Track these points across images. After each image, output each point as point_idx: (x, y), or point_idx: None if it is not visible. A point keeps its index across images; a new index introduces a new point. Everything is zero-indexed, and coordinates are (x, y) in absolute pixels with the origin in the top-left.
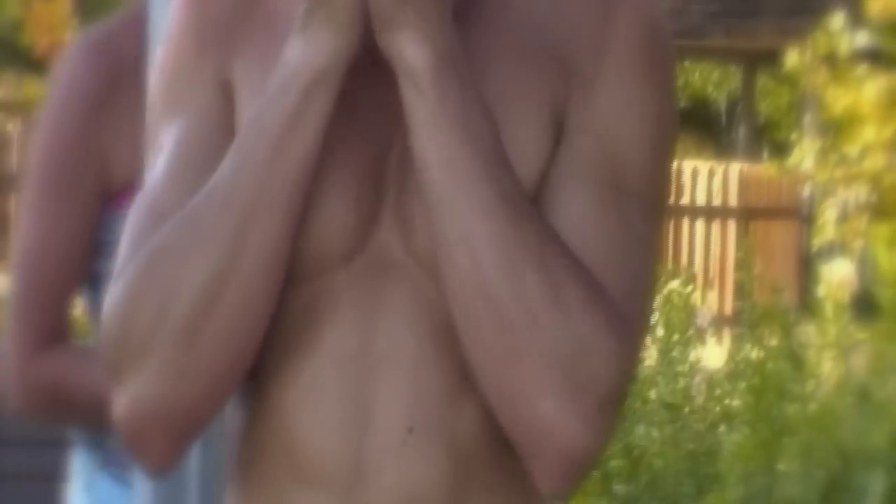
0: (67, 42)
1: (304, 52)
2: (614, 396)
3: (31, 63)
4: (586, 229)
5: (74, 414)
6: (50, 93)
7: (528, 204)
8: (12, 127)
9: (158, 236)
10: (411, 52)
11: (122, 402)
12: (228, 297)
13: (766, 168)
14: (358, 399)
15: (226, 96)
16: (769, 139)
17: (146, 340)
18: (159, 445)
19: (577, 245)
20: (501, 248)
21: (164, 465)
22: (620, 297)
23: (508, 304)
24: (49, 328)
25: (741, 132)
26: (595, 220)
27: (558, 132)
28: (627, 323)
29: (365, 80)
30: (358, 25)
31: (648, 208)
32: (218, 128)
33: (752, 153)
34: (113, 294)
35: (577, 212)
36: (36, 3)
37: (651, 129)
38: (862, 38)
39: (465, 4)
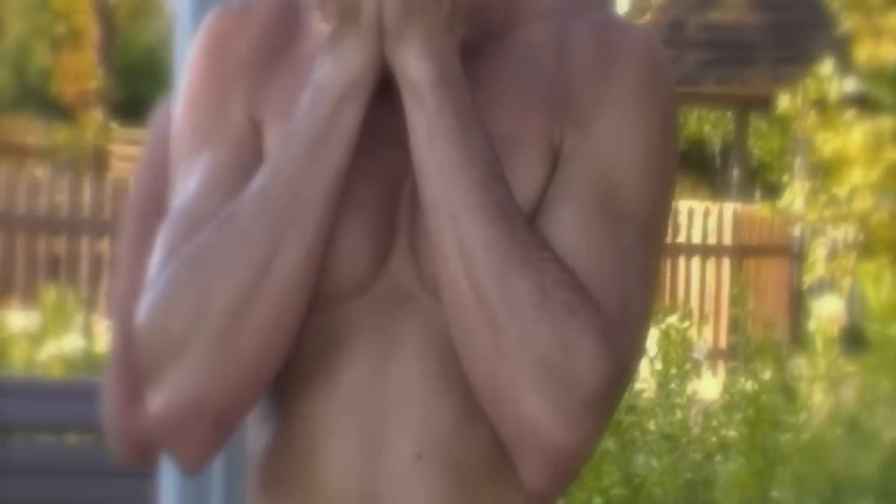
0: (94, 90)
1: (335, 67)
2: (600, 399)
3: (59, 111)
4: (578, 244)
5: None
6: (144, 146)
7: (521, 215)
8: (42, 172)
9: (195, 241)
10: (415, 66)
11: (159, 399)
12: (265, 297)
13: (758, 208)
14: (370, 427)
15: (254, 131)
16: (762, 181)
17: (184, 338)
18: (195, 441)
19: (570, 258)
20: (494, 252)
21: (198, 461)
22: (609, 306)
23: (498, 305)
24: None
25: (735, 174)
26: (587, 236)
27: (553, 169)
28: (615, 330)
29: (380, 119)
30: (380, 42)
31: (642, 229)
32: (248, 155)
33: (746, 194)
34: (149, 297)
35: (570, 228)
36: (63, 54)
37: (646, 156)
38: (850, 85)
39: (474, 46)
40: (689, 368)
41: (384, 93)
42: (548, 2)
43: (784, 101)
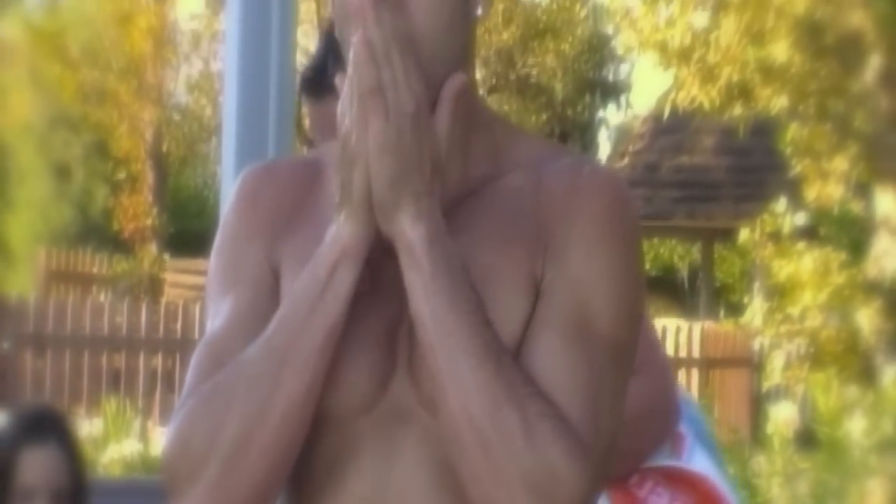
0: (149, 227)
1: (334, 236)
2: None
3: (119, 244)
4: (557, 367)
5: None
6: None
7: (507, 353)
8: (104, 297)
9: (212, 380)
10: (409, 231)
11: None
12: (266, 427)
13: (723, 325)
14: None
15: (273, 273)
16: (725, 301)
17: (201, 460)
18: None
19: (550, 385)
20: (485, 391)
21: None
22: (584, 430)
23: (491, 436)
24: None
25: (702, 296)
26: (565, 360)
27: (535, 298)
28: (590, 452)
29: (382, 269)
30: (371, 215)
31: (614, 350)
32: (265, 295)
33: (711, 313)
34: (174, 424)
35: (550, 353)
36: (122, 196)
37: (616, 284)
38: (801, 219)
39: (464, 194)
40: None
41: (387, 247)
42: (527, 154)
43: (744, 234)
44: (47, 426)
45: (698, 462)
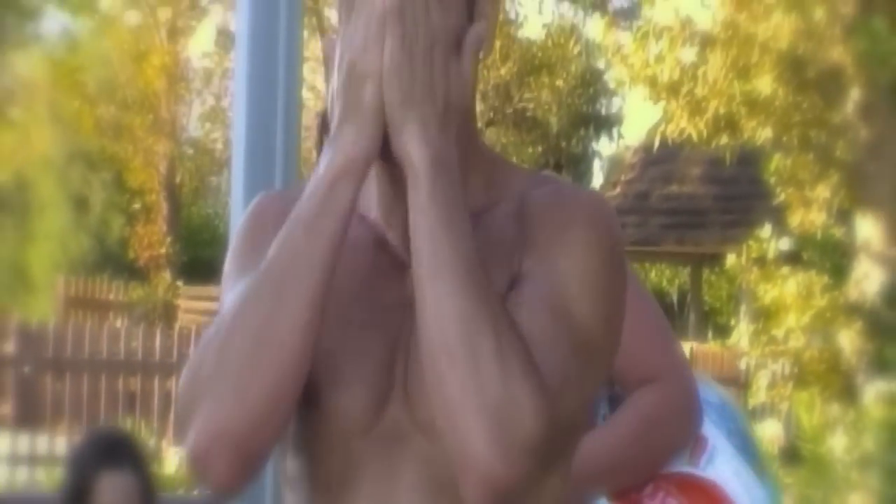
0: (163, 255)
1: (332, 154)
2: (535, 448)
3: (135, 272)
4: (530, 332)
5: None
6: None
7: (490, 286)
8: (120, 323)
9: (223, 312)
10: (416, 151)
11: (191, 434)
12: (270, 344)
13: (711, 346)
14: None
15: None
16: (713, 323)
17: (208, 384)
18: (221, 466)
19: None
20: (464, 319)
21: (225, 483)
22: (549, 379)
23: (464, 363)
24: None
25: (691, 318)
26: (537, 331)
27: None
28: (551, 396)
29: (387, 285)
30: (378, 131)
31: (586, 338)
32: None
33: (700, 334)
34: (188, 361)
35: (522, 321)
36: (137, 226)
37: (594, 282)
38: (785, 245)
39: None
40: None
41: (394, 266)
42: (517, 186)
43: (731, 259)
44: (123, 451)
45: (717, 468)
